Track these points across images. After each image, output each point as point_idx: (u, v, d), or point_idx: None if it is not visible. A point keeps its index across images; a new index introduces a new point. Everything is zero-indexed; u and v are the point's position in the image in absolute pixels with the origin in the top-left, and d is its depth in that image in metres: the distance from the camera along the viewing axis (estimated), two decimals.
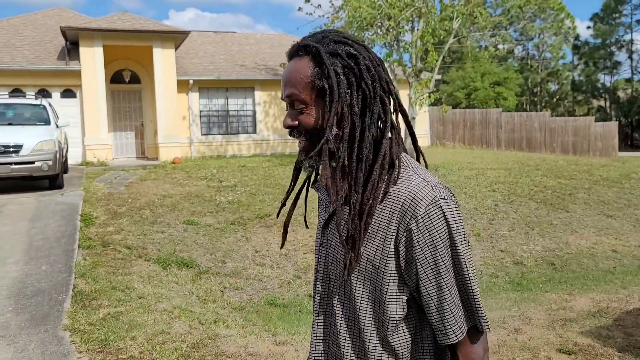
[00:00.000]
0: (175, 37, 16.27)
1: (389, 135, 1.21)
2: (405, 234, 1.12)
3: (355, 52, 1.18)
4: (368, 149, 1.17)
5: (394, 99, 1.24)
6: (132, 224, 8.36)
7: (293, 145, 17.66)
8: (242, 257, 7.74)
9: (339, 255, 1.21)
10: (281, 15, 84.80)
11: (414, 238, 1.11)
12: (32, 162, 10.06)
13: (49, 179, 10.51)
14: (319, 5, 14.73)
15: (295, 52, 1.22)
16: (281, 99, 1.24)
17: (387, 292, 1.14)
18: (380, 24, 13.63)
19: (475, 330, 1.17)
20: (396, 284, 1.15)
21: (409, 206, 1.12)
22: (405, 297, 1.16)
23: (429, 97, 14.37)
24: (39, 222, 8.00)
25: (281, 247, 1.49)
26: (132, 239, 7.67)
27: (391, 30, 13.48)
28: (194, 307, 5.73)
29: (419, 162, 1.28)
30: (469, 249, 1.14)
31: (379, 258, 1.15)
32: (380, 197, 1.15)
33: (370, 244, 1.16)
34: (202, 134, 17.75)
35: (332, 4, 14.60)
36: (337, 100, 1.16)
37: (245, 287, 6.93)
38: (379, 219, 1.15)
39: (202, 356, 4.23)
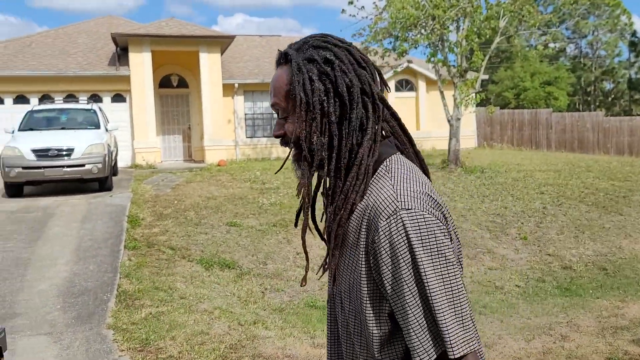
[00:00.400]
0: (221, 42, 16.53)
1: (370, 142, 1.13)
2: (372, 247, 1.06)
3: (332, 57, 1.13)
4: (346, 158, 1.12)
5: (379, 103, 1.16)
6: (176, 225, 8.52)
7: None
8: (283, 258, 7.77)
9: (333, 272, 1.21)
10: (327, 18, 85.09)
11: (377, 253, 1.04)
12: (83, 165, 10.40)
13: (99, 182, 10.84)
14: (363, 6, 14.65)
15: (277, 60, 1.20)
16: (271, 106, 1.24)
17: (365, 306, 1.08)
18: (424, 24, 13.45)
19: (447, 356, 1.02)
20: (374, 298, 1.07)
21: (372, 218, 1.06)
22: (386, 312, 1.07)
23: (475, 97, 14.08)
24: (88, 223, 8.26)
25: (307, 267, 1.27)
26: (177, 240, 7.82)
27: (435, 30, 13.28)
28: (234, 308, 5.78)
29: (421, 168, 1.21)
30: (444, 264, 1.02)
31: (353, 270, 1.10)
32: (349, 208, 1.10)
33: (348, 256, 1.12)
34: (247, 137, 17.97)
35: (376, 5, 14.50)
36: (311, 109, 1.12)
37: (286, 288, 6.95)
38: (353, 231, 1.11)
39: (240, 357, 4.26)
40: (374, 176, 1.13)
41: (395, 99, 19.40)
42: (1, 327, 1.34)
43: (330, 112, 1.12)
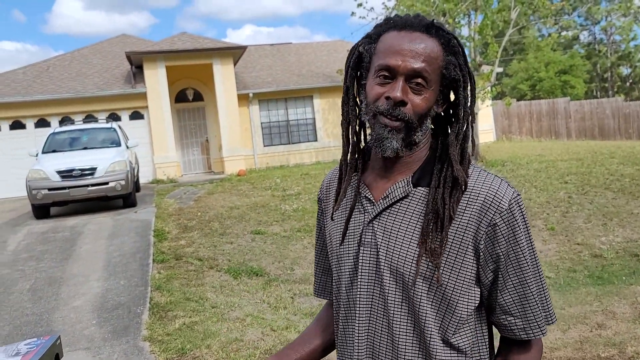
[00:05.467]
0: (234, 53, 16.67)
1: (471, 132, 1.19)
2: (487, 230, 1.09)
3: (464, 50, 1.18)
4: (461, 143, 1.16)
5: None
6: (202, 236, 8.59)
7: None
8: (309, 263, 7.78)
9: (404, 252, 1.11)
10: (337, 23, 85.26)
11: (498, 233, 1.09)
12: (107, 183, 10.56)
13: (123, 198, 10.99)
14: (372, 8, 14.73)
15: (425, 27, 1.12)
16: (386, 65, 1.11)
17: (460, 289, 1.10)
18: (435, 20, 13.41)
19: (552, 322, 1.18)
20: (471, 281, 1.11)
21: (492, 201, 1.10)
22: (477, 295, 1.13)
23: (491, 90, 14.00)
24: (115, 239, 8.37)
25: (341, 244, 1.23)
26: (203, 250, 7.89)
27: (447, 26, 13.26)
28: (265, 314, 5.80)
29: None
30: None
31: (453, 256, 1.10)
32: (462, 190, 1.11)
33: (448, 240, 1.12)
34: (264, 145, 18.07)
35: (385, 5, 14.54)
36: (462, 95, 1.14)
37: None
38: (459, 214, 1.11)
39: None
40: None
41: None
42: (56, 335, 1.37)
43: (468, 97, 1.15)
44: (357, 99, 1.22)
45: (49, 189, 10.35)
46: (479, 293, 1.14)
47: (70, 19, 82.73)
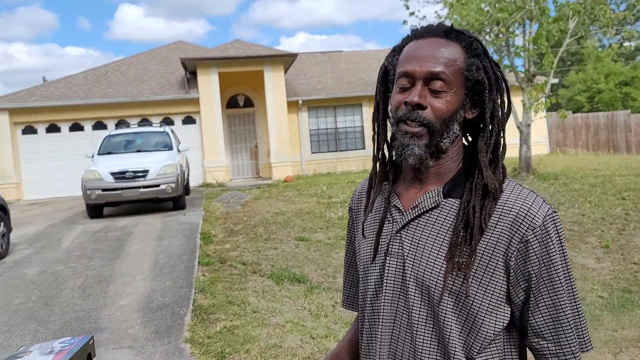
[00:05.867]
0: (284, 60, 16.86)
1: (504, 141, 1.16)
2: (519, 246, 1.05)
3: (495, 61, 1.16)
4: (491, 151, 1.12)
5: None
6: (247, 241, 8.69)
7: None
8: None
9: (430, 265, 1.08)
10: (389, 32, 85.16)
11: (530, 250, 1.05)
12: (158, 185, 10.84)
13: (173, 201, 11.25)
14: (424, 16, 14.59)
15: (443, 32, 1.12)
16: (403, 72, 1.11)
17: (487, 307, 1.06)
18: (489, 29, 13.17)
19: (587, 349, 1.11)
20: (500, 300, 1.07)
21: (524, 217, 1.05)
22: (507, 315, 1.09)
23: (545, 102, 13.60)
24: (163, 241, 8.57)
25: (373, 259, 1.19)
26: (247, 255, 7.97)
27: (501, 35, 12.97)
28: (305, 321, 5.80)
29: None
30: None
31: (481, 272, 1.06)
32: (495, 202, 1.08)
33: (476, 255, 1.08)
34: (312, 152, 18.15)
35: (438, 15, 14.37)
36: (487, 99, 1.11)
37: None
38: (490, 228, 1.07)
39: None
40: None
41: None
42: (90, 335, 1.40)
43: (497, 106, 1.12)
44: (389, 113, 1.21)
45: (103, 190, 10.71)
46: (509, 312, 1.09)
47: (131, 25, 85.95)
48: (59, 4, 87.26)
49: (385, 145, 1.21)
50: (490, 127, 1.12)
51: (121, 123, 16.11)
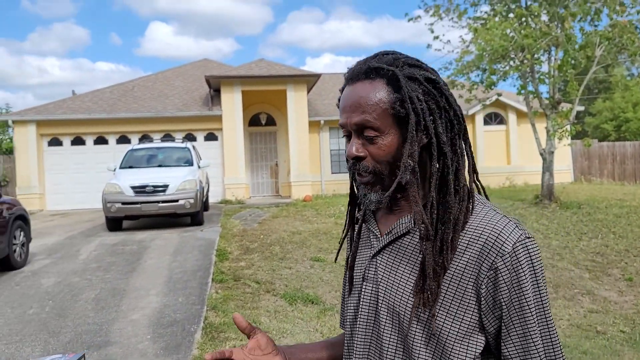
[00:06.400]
0: (307, 80, 16.96)
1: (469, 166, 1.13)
2: (489, 274, 1.01)
3: (434, 77, 1.09)
4: (451, 182, 1.08)
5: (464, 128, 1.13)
6: (262, 259, 8.65)
7: None
8: None
9: (400, 291, 1.08)
10: (415, 54, 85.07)
11: (500, 278, 1.01)
12: (177, 201, 10.91)
13: (191, 216, 11.29)
14: (448, 40, 14.58)
15: (364, 74, 1.09)
16: (340, 125, 1.13)
17: (456, 335, 1.03)
18: (513, 55, 13.09)
19: None
20: (471, 328, 1.04)
21: (493, 243, 1.01)
22: (480, 344, 1.05)
23: (570, 129, 13.41)
24: (179, 256, 8.58)
25: (350, 284, 1.22)
26: (262, 274, 7.92)
27: (526, 61, 12.88)
28: None
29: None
30: (548, 295, 1.05)
31: (449, 300, 1.03)
32: (457, 234, 1.05)
33: (445, 286, 1.04)
34: (332, 172, 18.14)
35: (462, 39, 14.34)
36: (421, 128, 1.06)
37: None
38: (457, 258, 1.04)
39: None
40: None
41: (485, 133, 18.89)
42: (82, 352, 1.37)
43: (440, 132, 1.07)
44: None
45: (123, 203, 10.81)
46: (483, 341, 1.05)
47: (160, 43, 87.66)
48: (92, 20, 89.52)
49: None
50: (432, 153, 1.08)
51: (145, 138, 16.33)
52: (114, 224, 11.15)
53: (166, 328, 5.59)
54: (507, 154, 19.16)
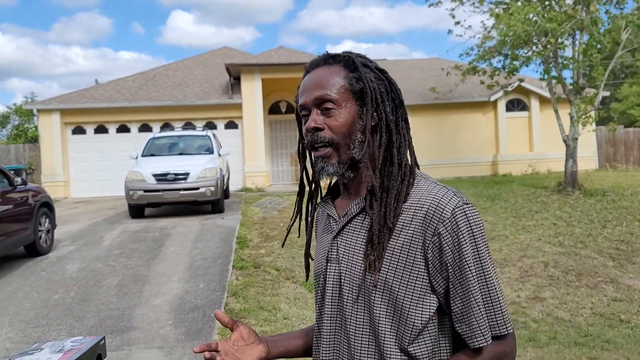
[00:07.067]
0: None
1: (410, 143, 1.27)
2: (433, 239, 1.13)
3: (383, 68, 1.27)
4: (396, 157, 1.21)
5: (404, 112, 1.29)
6: (282, 247, 8.70)
7: (445, 169, 17.23)
8: None
9: (358, 265, 1.19)
10: (436, 41, 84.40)
11: (443, 242, 1.12)
12: (197, 189, 11.00)
13: (211, 204, 11.38)
14: (470, 26, 14.37)
15: (323, 61, 1.26)
16: (300, 106, 1.25)
17: (411, 299, 1.14)
18: (536, 40, 12.85)
19: (500, 333, 1.15)
20: (423, 291, 1.14)
21: (434, 211, 1.13)
22: (433, 304, 1.15)
23: (594, 115, 13.15)
24: (200, 243, 8.67)
25: (307, 266, 1.43)
26: (282, 261, 7.97)
27: (549, 46, 12.63)
28: None
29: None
30: (489, 254, 1.16)
31: (402, 269, 1.14)
32: (400, 205, 1.17)
33: (392, 252, 1.15)
34: None
35: (484, 24, 14.12)
36: (373, 104, 1.21)
37: None
38: (400, 227, 1.16)
39: None
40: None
41: (507, 119, 18.64)
42: (101, 335, 1.40)
43: (388, 110, 1.23)
44: None
45: (145, 191, 10.94)
46: (435, 302, 1.15)
47: (182, 31, 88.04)
48: (115, 10, 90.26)
49: (305, 172, 1.37)
50: (381, 128, 1.22)
51: (166, 126, 16.46)
52: (137, 211, 11.29)
53: (187, 314, 5.66)
54: (529, 140, 18.89)
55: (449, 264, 1.12)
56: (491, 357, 1.15)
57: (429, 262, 1.13)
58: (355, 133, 1.21)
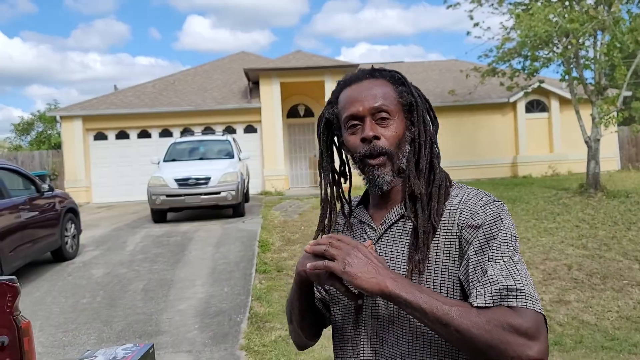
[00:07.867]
0: (345, 71, 16.88)
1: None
2: (467, 231, 1.16)
3: (417, 87, 1.33)
4: (433, 166, 1.27)
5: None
6: (304, 250, 8.73)
7: (465, 171, 17.14)
8: None
9: (403, 268, 1.20)
10: (453, 43, 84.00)
11: (478, 232, 1.15)
12: (218, 193, 11.09)
13: (232, 208, 11.47)
14: (489, 27, 14.30)
15: (369, 74, 1.30)
16: (351, 115, 1.26)
17: (454, 296, 1.16)
18: (556, 40, 12.74)
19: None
20: (455, 282, 1.16)
21: (469, 209, 1.18)
22: (458, 291, 1.18)
23: (617, 116, 12.99)
24: (222, 247, 8.74)
25: None
26: None
27: (570, 47, 12.52)
28: None
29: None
30: (518, 243, 1.19)
31: (441, 263, 1.17)
32: (441, 209, 1.21)
33: (434, 253, 1.18)
34: None
35: (503, 25, 14.03)
36: (420, 115, 1.27)
37: None
38: (439, 229, 1.19)
39: None
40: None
41: (526, 121, 18.50)
42: (151, 343, 1.44)
43: (428, 122, 1.29)
44: (343, 156, 1.39)
45: (167, 195, 11.06)
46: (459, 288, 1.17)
47: (198, 36, 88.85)
48: (132, 16, 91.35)
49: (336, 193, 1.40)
50: (425, 140, 1.27)
51: (186, 131, 16.60)
52: (159, 215, 11.42)
53: (213, 318, 5.72)
54: (549, 142, 18.71)
55: (474, 253, 1.13)
56: (499, 321, 1.02)
57: (463, 255, 1.16)
58: (404, 144, 1.26)
